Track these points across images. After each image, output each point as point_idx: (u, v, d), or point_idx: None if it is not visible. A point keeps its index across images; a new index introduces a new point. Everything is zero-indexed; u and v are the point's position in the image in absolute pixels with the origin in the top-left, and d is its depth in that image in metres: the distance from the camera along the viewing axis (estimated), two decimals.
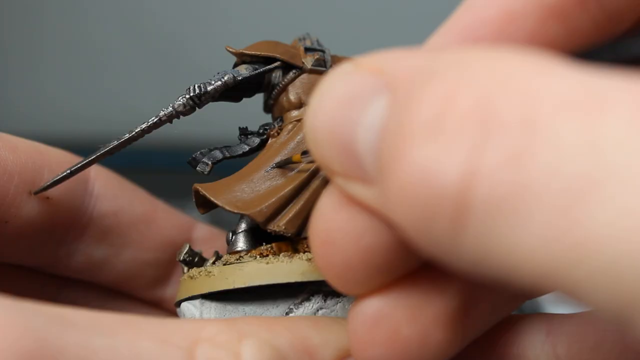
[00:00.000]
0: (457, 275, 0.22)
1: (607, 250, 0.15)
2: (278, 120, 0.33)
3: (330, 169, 0.21)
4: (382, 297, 0.23)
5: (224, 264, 0.30)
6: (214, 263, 0.31)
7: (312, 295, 0.30)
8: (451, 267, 0.19)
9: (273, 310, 0.30)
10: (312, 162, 0.30)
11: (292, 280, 0.28)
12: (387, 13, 0.88)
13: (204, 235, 0.40)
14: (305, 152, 0.29)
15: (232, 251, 0.31)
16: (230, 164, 0.33)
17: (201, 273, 0.30)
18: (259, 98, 0.34)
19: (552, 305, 0.53)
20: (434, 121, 0.18)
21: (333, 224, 0.22)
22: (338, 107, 0.20)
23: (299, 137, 0.32)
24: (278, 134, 0.32)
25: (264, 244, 0.31)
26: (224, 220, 0.39)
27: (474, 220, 0.17)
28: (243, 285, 0.29)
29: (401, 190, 0.18)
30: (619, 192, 0.15)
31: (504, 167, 0.17)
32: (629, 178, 0.15)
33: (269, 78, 0.32)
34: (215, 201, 0.30)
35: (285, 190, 0.30)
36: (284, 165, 0.31)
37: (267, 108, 0.34)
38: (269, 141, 0.32)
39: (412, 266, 0.23)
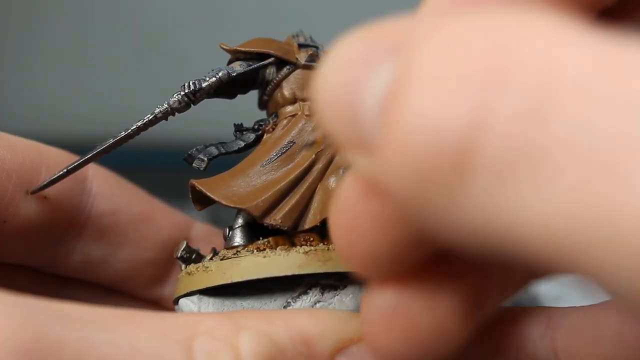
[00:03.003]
0: (466, 257, 0.20)
1: None
2: (273, 116, 0.33)
3: (336, 138, 0.19)
4: (398, 287, 0.22)
5: (221, 259, 0.30)
6: (211, 259, 0.31)
7: (310, 289, 0.30)
8: (445, 240, 0.17)
9: (271, 304, 0.30)
10: None
11: (289, 273, 0.28)
12: (382, 11, 0.88)
13: (202, 233, 0.40)
14: None
15: (229, 246, 0.31)
16: (225, 160, 0.33)
17: (199, 269, 0.30)
18: (253, 95, 0.34)
19: (551, 301, 0.53)
20: (437, 68, 0.16)
21: (359, 211, 0.20)
22: (346, 73, 0.18)
23: (293, 132, 0.32)
24: (273, 129, 0.32)
25: (261, 238, 0.31)
26: (222, 219, 0.39)
27: (476, 181, 0.15)
28: (240, 279, 0.29)
29: (395, 148, 0.16)
30: None
31: (521, 120, 0.14)
32: None
33: (263, 74, 0.33)
34: (212, 196, 0.30)
35: (281, 184, 0.30)
36: None
37: (262, 104, 0.34)
38: (264, 137, 0.33)
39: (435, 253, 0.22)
